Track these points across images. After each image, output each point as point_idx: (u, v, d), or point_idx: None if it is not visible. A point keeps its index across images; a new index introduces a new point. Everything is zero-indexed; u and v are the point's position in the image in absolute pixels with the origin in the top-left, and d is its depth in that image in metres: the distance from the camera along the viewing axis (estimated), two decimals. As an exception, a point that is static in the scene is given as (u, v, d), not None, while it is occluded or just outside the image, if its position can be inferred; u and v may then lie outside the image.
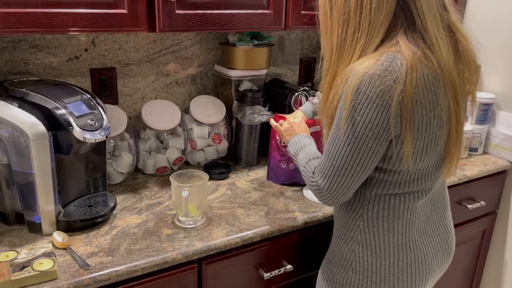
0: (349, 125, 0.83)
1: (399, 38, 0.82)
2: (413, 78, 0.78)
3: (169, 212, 1.18)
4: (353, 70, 0.81)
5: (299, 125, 1.15)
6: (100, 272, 0.92)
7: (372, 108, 0.79)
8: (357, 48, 0.85)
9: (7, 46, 1.26)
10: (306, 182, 0.97)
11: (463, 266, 1.77)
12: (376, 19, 0.82)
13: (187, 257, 1.01)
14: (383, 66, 0.79)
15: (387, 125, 0.81)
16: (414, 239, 0.94)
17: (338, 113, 0.85)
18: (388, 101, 0.79)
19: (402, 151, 0.84)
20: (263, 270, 1.14)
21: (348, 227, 0.97)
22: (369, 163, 0.86)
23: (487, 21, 1.74)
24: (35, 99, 1.02)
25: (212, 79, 1.62)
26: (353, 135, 0.83)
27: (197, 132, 1.45)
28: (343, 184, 0.88)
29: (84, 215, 1.10)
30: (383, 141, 0.83)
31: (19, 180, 1.03)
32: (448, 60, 0.84)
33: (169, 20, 1.12)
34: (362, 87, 0.79)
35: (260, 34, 1.53)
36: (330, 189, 0.90)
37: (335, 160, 0.87)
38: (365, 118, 0.81)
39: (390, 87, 0.78)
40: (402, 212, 0.92)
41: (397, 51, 0.80)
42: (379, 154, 0.85)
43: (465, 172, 1.53)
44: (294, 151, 1.07)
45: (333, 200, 0.91)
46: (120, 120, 1.32)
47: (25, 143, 0.98)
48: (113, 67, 1.42)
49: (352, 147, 0.84)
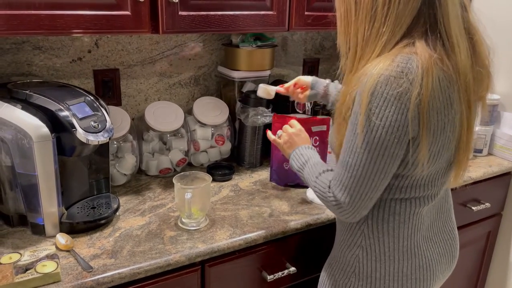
0: (368, 130, 0.79)
1: (416, 38, 0.79)
2: (429, 81, 0.76)
3: (172, 214, 1.17)
4: (367, 72, 0.78)
5: (299, 136, 1.08)
6: (103, 275, 0.92)
7: (391, 110, 0.76)
8: (379, 45, 0.81)
9: (10, 48, 1.26)
10: (321, 198, 0.91)
11: (468, 268, 1.76)
12: (402, 14, 0.79)
13: (190, 259, 1.01)
14: (399, 68, 0.76)
15: (406, 129, 0.77)
16: (419, 245, 0.93)
17: (353, 118, 0.81)
18: (406, 104, 0.76)
19: (417, 155, 0.81)
20: (266, 272, 1.14)
21: (352, 232, 0.95)
22: (391, 169, 0.82)
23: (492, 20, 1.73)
24: (39, 101, 1.02)
25: (215, 80, 1.62)
26: (373, 140, 0.79)
27: (200, 133, 1.45)
28: (366, 195, 0.83)
29: (87, 217, 1.09)
30: (403, 144, 0.80)
31: (22, 182, 1.03)
32: (465, 64, 0.81)
33: (172, 21, 1.12)
34: (379, 89, 0.76)
35: (264, 35, 1.53)
36: (352, 202, 0.84)
37: (355, 169, 0.82)
38: (384, 121, 0.77)
39: (407, 89, 0.75)
40: (408, 218, 0.90)
41: (412, 53, 0.78)
42: (399, 159, 0.82)
43: (470, 173, 1.52)
44: (298, 165, 1.01)
45: (355, 214, 0.86)
46: (123, 122, 1.32)
47: (28, 145, 0.98)
48: (116, 69, 1.42)
49: (373, 154, 0.80)
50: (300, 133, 1.09)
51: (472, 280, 1.82)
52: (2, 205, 1.08)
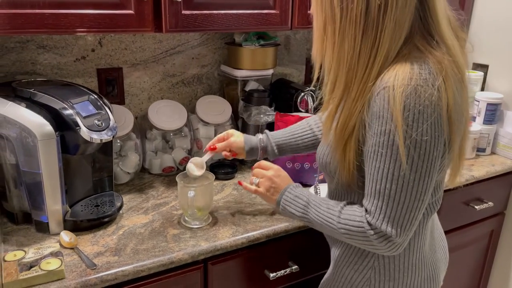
0: (411, 148, 0.71)
1: (419, 42, 0.75)
2: (449, 85, 0.73)
3: (175, 212, 1.18)
4: (387, 84, 0.71)
5: (280, 176, 0.97)
6: (107, 272, 0.93)
7: (429, 122, 0.71)
8: (379, 55, 0.74)
9: (15, 47, 1.27)
10: (358, 238, 0.79)
11: (471, 267, 1.76)
12: (402, 17, 0.73)
13: (193, 257, 1.01)
14: (421, 76, 0.71)
15: (443, 138, 0.73)
16: (426, 256, 0.89)
17: (384, 140, 0.73)
18: (439, 112, 0.71)
19: (449, 160, 0.78)
20: (269, 270, 1.14)
21: (360, 254, 0.88)
22: (434, 182, 0.77)
23: (495, 20, 1.73)
24: (43, 99, 1.03)
25: (218, 79, 1.62)
26: (419, 158, 0.72)
27: (203, 132, 1.45)
28: (414, 218, 0.76)
29: (91, 215, 1.10)
30: (442, 154, 0.76)
31: (26, 180, 1.03)
32: (463, 63, 0.79)
33: (176, 20, 1.13)
34: (410, 102, 0.70)
35: (266, 34, 1.53)
36: (403, 231, 0.75)
37: (401, 195, 0.73)
38: (426, 134, 0.71)
39: (437, 97, 0.71)
40: (422, 228, 0.86)
41: (426, 58, 0.74)
42: (438, 169, 0.77)
43: (472, 172, 1.52)
44: (300, 210, 0.89)
45: (405, 243, 0.78)
46: (126, 120, 1.33)
47: (32, 143, 0.99)
48: (120, 67, 1.43)
49: (421, 172, 0.73)
50: (279, 173, 0.98)
51: (475, 279, 1.81)
52: (6, 203, 1.09)
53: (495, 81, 1.76)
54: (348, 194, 0.89)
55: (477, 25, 1.79)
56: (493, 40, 1.75)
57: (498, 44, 1.73)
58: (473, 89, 1.74)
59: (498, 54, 1.74)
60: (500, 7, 1.70)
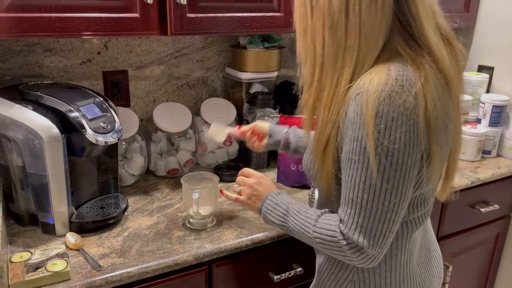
0: (382, 156, 0.69)
1: (399, 46, 0.72)
2: (429, 91, 0.69)
3: (180, 214, 1.18)
4: (362, 89, 0.69)
5: (261, 184, 0.95)
6: (112, 273, 0.93)
7: (402, 130, 0.68)
8: (348, 59, 0.72)
9: (22, 50, 1.28)
10: (331, 248, 0.77)
11: (476, 270, 1.75)
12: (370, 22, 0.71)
13: (197, 259, 1.01)
14: (397, 82, 0.68)
15: (419, 147, 0.70)
16: (413, 272, 0.84)
17: (356, 146, 0.70)
18: (414, 119, 0.68)
19: (429, 172, 0.74)
20: (273, 272, 1.14)
21: (341, 266, 0.85)
22: (410, 193, 0.73)
23: (500, 22, 1.72)
24: (49, 102, 1.04)
25: (223, 81, 1.63)
26: (391, 168, 0.69)
27: (208, 134, 1.46)
28: (388, 229, 0.73)
29: (96, 216, 1.11)
30: (418, 164, 0.72)
31: (33, 182, 1.04)
32: (451, 70, 0.75)
33: (181, 23, 1.13)
34: (383, 108, 0.67)
35: (271, 37, 1.54)
36: (376, 243, 0.72)
37: (373, 205, 0.71)
38: (398, 143, 0.68)
39: (412, 103, 0.68)
40: (403, 244, 0.81)
41: (404, 63, 0.71)
42: (414, 180, 0.73)
43: (478, 175, 1.51)
44: (279, 218, 0.87)
45: (379, 255, 0.75)
46: (132, 123, 1.34)
47: (39, 145, 1.00)
48: (125, 70, 1.44)
49: (393, 183, 0.70)
50: (261, 180, 0.96)
51: (480, 282, 1.80)
52: (13, 204, 1.10)
53: (500, 83, 1.75)
54: (329, 202, 0.86)
55: (482, 27, 1.79)
56: (499, 42, 1.74)
57: (504, 46, 1.72)
58: (478, 91, 1.74)
59: (503, 56, 1.73)
60: (506, 9, 1.69)
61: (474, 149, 1.61)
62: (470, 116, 1.71)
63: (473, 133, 1.59)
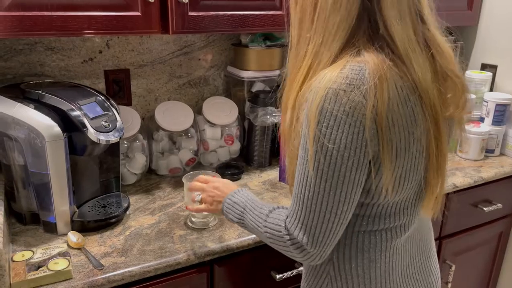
0: (321, 156, 0.67)
1: (362, 45, 0.70)
2: (384, 90, 0.65)
3: (182, 213, 1.18)
4: (313, 86, 0.68)
5: (216, 188, 0.93)
6: (114, 272, 0.93)
7: (344, 130, 0.66)
8: (309, 53, 0.72)
9: (23, 49, 1.28)
10: (277, 243, 0.76)
11: (479, 270, 1.75)
12: (335, 17, 0.69)
13: (199, 258, 1.01)
14: (347, 79, 0.66)
15: (365, 149, 0.67)
16: (396, 285, 0.80)
17: (302, 143, 0.70)
18: (361, 120, 0.65)
19: (380, 180, 0.70)
20: (275, 272, 1.14)
21: (316, 274, 0.82)
22: (353, 197, 0.70)
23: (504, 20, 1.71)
24: (51, 101, 1.03)
25: (225, 80, 1.63)
26: (329, 167, 0.67)
27: (210, 133, 1.45)
28: (330, 231, 0.71)
29: (98, 215, 1.11)
30: (364, 168, 0.69)
31: (35, 181, 1.04)
32: (424, 76, 0.70)
33: (182, 21, 1.13)
34: (327, 107, 0.66)
35: (273, 35, 1.53)
36: (315, 242, 0.71)
37: (313, 203, 0.69)
38: (338, 143, 0.66)
39: (360, 103, 0.65)
40: (380, 254, 0.77)
41: (362, 61, 0.68)
42: (361, 185, 0.70)
43: (481, 174, 1.50)
44: (237, 217, 0.85)
45: (321, 254, 0.73)
46: (133, 121, 1.34)
47: (41, 144, 1.00)
48: (127, 69, 1.43)
49: (331, 183, 0.68)
50: (217, 184, 0.94)
51: (484, 281, 1.80)
52: (15, 203, 1.10)
53: (504, 81, 1.74)
54: None
55: (485, 25, 1.78)
56: (502, 40, 1.73)
57: (507, 44, 1.71)
58: (481, 89, 1.73)
59: (507, 54, 1.72)
60: (510, 7, 1.68)
61: (477, 148, 1.60)
62: (473, 115, 1.70)
63: (476, 132, 1.59)
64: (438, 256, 1.55)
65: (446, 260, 1.57)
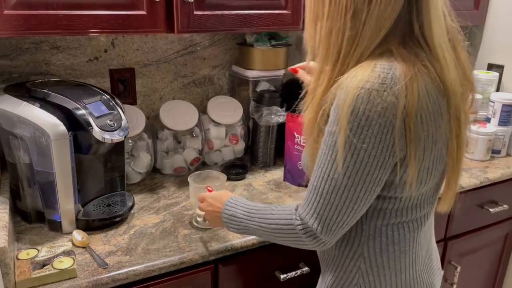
0: (348, 154, 0.69)
1: (393, 46, 0.71)
2: (414, 90, 0.67)
3: (186, 212, 1.18)
4: (344, 84, 0.68)
5: (209, 205, 0.94)
6: (118, 271, 0.93)
7: (374, 130, 0.67)
8: (357, 51, 0.71)
9: (29, 48, 1.28)
10: (286, 234, 0.79)
11: (485, 271, 1.73)
12: (383, 16, 0.69)
13: (203, 257, 1.01)
14: (380, 79, 0.66)
15: (392, 149, 0.69)
16: (419, 275, 0.84)
17: (329, 140, 0.71)
18: (391, 121, 0.67)
19: (405, 175, 0.72)
20: (279, 271, 1.14)
21: (345, 270, 0.83)
22: (372, 194, 0.73)
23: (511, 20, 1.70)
24: (56, 99, 1.04)
25: (230, 79, 1.62)
26: (354, 166, 0.69)
27: (214, 132, 1.45)
28: (344, 222, 0.74)
29: (103, 214, 1.11)
30: (388, 167, 0.71)
31: (40, 179, 1.04)
32: (455, 79, 0.72)
33: (187, 21, 1.13)
34: (360, 106, 0.66)
35: (278, 34, 1.53)
36: (329, 230, 0.74)
37: (332, 197, 0.72)
38: (367, 143, 0.68)
39: (392, 103, 0.66)
40: (408, 245, 0.81)
41: (392, 61, 0.69)
42: (382, 183, 0.73)
43: (487, 174, 1.49)
44: (240, 227, 0.87)
45: (331, 241, 0.77)
46: (138, 120, 1.34)
47: (46, 143, 1.00)
48: (132, 68, 1.43)
49: (354, 180, 0.70)
50: (209, 201, 0.94)
51: (489, 282, 1.78)
52: (20, 201, 1.10)
53: (510, 81, 1.73)
54: None
55: (492, 25, 1.77)
56: (509, 40, 1.72)
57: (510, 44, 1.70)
58: (487, 90, 1.72)
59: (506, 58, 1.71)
60: (516, 7, 1.67)
61: (483, 149, 1.59)
62: (480, 115, 1.69)
63: (482, 132, 1.58)
64: (444, 257, 1.54)
65: (452, 261, 1.56)
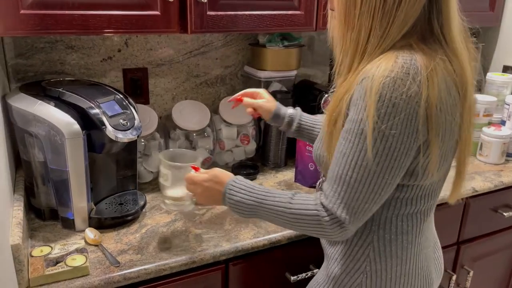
0: (377, 140, 0.71)
1: (412, 41, 0.74)
2: (435, 82, 0.70)
3: (198, 212, 1.18)
4: (369, 73, 0.71)
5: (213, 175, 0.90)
6: (130, 270, 0.94)
7: (401, 117, 0.70)
8: (383, 44, 0.74)
9: (44, 47, 1.30)
10: (307, 223, 0.78)
11: (498, 276, 1.71)
12: (410, 12, 0.73)
13: (214, 257, 1.01)
14: (404, 69, 0.70)
15: (416, 135, 0.72)
16: (422, 265, 0.86)
17: (354, 127, 0.73)
18: (415, 108, 0.70)
19: (425, 162, 0.75)
20: (290, 273, 1.13)
21: (354, 257, 0.85)
22: (397, 180, 0.75)
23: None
24: (71, 98, 1.05)
25: (242, 80, 1.62)
26: (383, 151, 0.71)
27: (226, 132, 1.46)
28: (370, 210, 0.76)
29: (115, 213, 1.12)
30: (412, 153, 0.73)
31: (54, 177, 1.06)
32: (470, 72, 0.76)
33: (201, 21, 1.13)
34: (386, 93, 0.69)
35: (290, 35, 1.52)
36: (356, 219, 0.75)
37: (360, 185, 0.73)
38: (395, 129, 0.70)
39: (415, 92, 0.69)
40: (415, 236, 0.84)
41: (413, 53, 0.72)
42: (405, 169, 0.75)
43: (501, 178, 1.47)
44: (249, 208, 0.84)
45: (353, 231, 0.78)
46: (151, 120, 1.34)
47: (60, 141, 1.01)
48: (145, 68, 1.44)
49: (383, 165, 0.72)
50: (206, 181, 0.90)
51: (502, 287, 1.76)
52: (34, 199, 1.12)
53: (526, 84, 1.70)
54: None
55: (507, 26, 1.74)
56: None
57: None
58: (503, 92, 1.69)
59: None
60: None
61: (498, 152, 1.57)
62: (494, 118, 1.66)
63: (497, 135, 1.55)
64: (456, 261, 1.52)
65: (464, 266, 1.54)
